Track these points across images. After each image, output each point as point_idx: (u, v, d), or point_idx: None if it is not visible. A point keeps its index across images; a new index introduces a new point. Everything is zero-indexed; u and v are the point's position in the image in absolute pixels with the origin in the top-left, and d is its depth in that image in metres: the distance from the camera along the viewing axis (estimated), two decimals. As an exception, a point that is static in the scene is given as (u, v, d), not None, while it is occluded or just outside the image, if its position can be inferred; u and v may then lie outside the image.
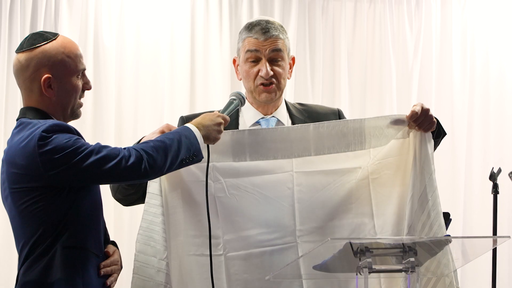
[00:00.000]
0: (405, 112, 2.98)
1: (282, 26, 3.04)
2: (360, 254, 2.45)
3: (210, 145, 2.75)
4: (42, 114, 2.56)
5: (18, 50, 2.59)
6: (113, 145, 5.48)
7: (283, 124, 3.06)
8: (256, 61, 2.99)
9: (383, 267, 2.54)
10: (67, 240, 2.48)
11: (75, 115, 2.65)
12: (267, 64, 2.97)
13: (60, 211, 2.47)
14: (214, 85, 5.68)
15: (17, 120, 2.60)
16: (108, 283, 2.62)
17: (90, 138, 5.37)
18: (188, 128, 2.62)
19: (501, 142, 5.98)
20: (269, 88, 3.00)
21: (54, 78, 2.55)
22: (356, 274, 2.48)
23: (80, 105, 2.65)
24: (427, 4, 6.06)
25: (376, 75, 5.96)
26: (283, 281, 2.82)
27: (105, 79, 5.52)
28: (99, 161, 2.44)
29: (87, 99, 5.41)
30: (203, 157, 2.63)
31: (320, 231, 2.88)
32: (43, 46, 2.56)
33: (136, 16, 5.64)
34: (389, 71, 5.93)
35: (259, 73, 2.98)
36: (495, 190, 4.61)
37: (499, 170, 4.60)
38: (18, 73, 2.59)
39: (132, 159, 2.45)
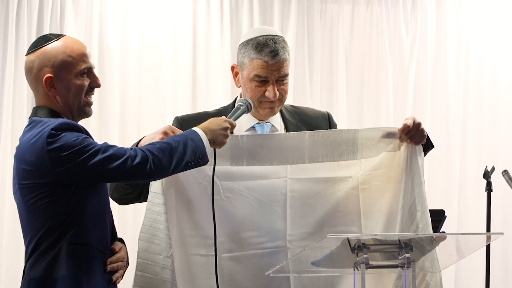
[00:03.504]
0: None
1: (284, 40, 3.00)
2: (358, 250, 2.46)
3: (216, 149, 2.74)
4: (52, 112, 2.56)
5: (26, 53, 2.61)
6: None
7: (277, 129, 3.06)
8: (264, 82, 2.97)
9: (379, 263, 2.55)
10: (72, 236, 2.49)
11: (84, 113, 2.64)
12: (275, 87, 2.95)
13: (67, 207, 2.48)
14: (215, 87, 5.68)
15: (29, 118, 2.61)
16: (114, 279, 2.62)
17: (95, 138, 5.34)
18: (194, 131, 2.60)
19: (495, 141, 5.98)
20: (273, 105, 3.00)
21: (55, 77, 2.55)
22: (354, 270, 2.49)
23: (88, 103, 2.64)
24: (423, 7, 6.06)
25: (373, 76, 5.96)
26: (273, 282, 2.82)
27: (110, 80, 5.53)
28: (105, 159, 2.44)
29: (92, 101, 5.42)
30: (208, 160, 2.61)
31: (310, 237, 2.88)
32: (44, 47, 2.57)
33: (139, 19, 5.65)
34: (386, 72, 5.94)
35: (266, 94, 2.96)
36: (489, 188, 4.61)
37: (493, 169, 4.59)
38: (26, 75, 2.60)
39: (137, 159, 2.45)
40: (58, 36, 2.60)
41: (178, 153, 2.51)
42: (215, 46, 5.74)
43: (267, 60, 2.92)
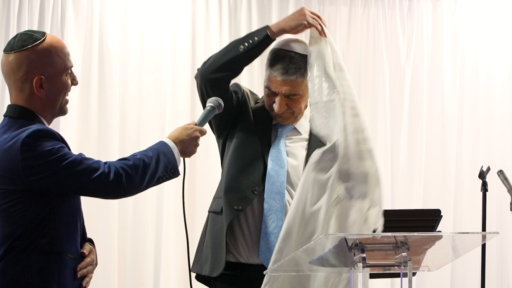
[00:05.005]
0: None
1: (304, 60, 2.96)
2: (355, 249, 2.46)
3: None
4: (28, 113, 2.51)
5: (8, 51, 2.53)
6: (117, 147, 5.46)
7: (299, 133, 3.07)
8: (274, 94, 2.99)
9: (376, 262, 2.55)
10: (45, 245, 2.44)
11: (63, 111, 2.60)
12: (281, 101, 2.96)
13: (39, 215, 2.43)
14: (214, 88, 5.68)
15: (4, 116, 2.55)
16: (84, 284, 2.57)
17: (95, 140, 5.39)
18: (166, 144, 2.60)
19: (490, 141, 5.99)
20: (282, 116, 3.02)
21: (45, 78, 2.51)
22: (351, 269, 2.49)
23: (67, 101, 2.60)
24: (419, 9, 6.07)
25: (369, 77, 5.97)
26: None
27: (110, 81, 5.53)
28: (79, 173, 2.42)
29: (93, 102, 5.43)
30: (179, 174, 2.63)
31: None
32: (33, 47, 2.50)
33: (139, 21, 5.65)
34: (382, 73, 5.95)
35: (273, 105, 2.99)
36: (484, 188, 4.61)
37: (488, 169, 4.60)
38: (9, 74, 2.53)
39: (111, 177, 2.43)
40: (43, 35, 2.54)
41: (150, 169, 2.50)
42: (214, 48, 5.73)
43: (276, 75, 2.94)
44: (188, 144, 2.64)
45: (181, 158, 2.66)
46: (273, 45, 3.00)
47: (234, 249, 3.00)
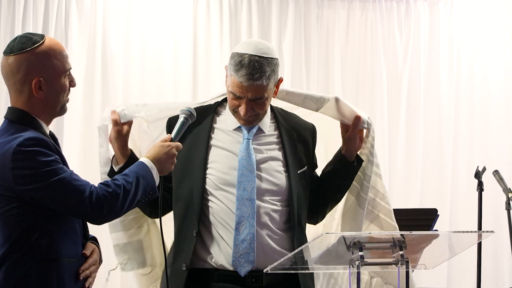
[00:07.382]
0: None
1: (270, 63, 2.88)
2: (353, 248, 2.47)
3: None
4: (27, 116, 2.50)
5: (7, 53, 2.51)
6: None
7: (263, 132, 3.01)
8: (238, 98, 2.90)
9: (374, 260, 2.56)
10: (42, 252, 2.42)
11: (63, 111, 2.59)
12: (248, 106, 2.89)
13: (35, 220, 2.42)
14: (215, 90, 5.68)
15: (4, 117, 2.54)
16: (87, 285, 2.56)
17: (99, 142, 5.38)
18: (145, 166, 2.57)
19: (486, 142, 6.00)
20: (248, 119, 2.95)
21: (44, 80, 2.49)
22: (349, 267, 2.49)
23: (67, 101, 2.59)
24: (416, 12, 6.08)
25: (368, 79, 5.97)
26: None
27: (113, 83, 5.54)
28: (64, 194, 2.40)
29: (96, 104, 5.43)
30: (158, 195, 2.61)
31: None
32: (32, 50, 2.49)
33: (141, 24, 5.66)
34: (380, 75, 5.95)
35: (239, 109, 2.91)
36: (480, 187, 4.61)
37: (484, 169, 4.60)
38: (8, 76, 2.52)
39: (93, 205, 2.41)
40: (42, 38, 2.52)
41: (130, 195, 2.49)
42: (215, 50, 5.75)
43: (241, 81, 2.84)
44: (165, 162, 2.62)
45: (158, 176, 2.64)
46: (238, 48, 2.92)
47: (207, 256, 2.92)
